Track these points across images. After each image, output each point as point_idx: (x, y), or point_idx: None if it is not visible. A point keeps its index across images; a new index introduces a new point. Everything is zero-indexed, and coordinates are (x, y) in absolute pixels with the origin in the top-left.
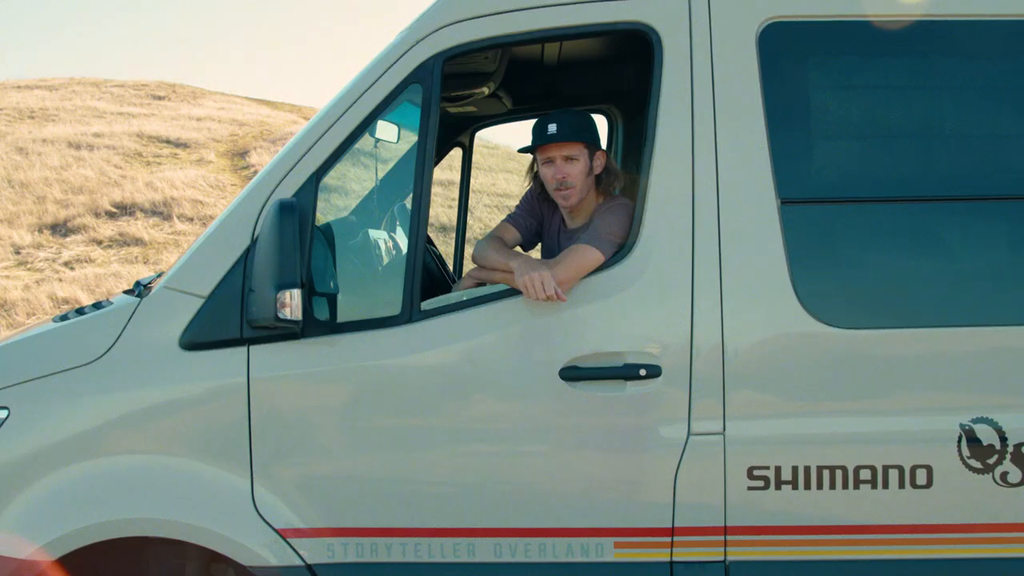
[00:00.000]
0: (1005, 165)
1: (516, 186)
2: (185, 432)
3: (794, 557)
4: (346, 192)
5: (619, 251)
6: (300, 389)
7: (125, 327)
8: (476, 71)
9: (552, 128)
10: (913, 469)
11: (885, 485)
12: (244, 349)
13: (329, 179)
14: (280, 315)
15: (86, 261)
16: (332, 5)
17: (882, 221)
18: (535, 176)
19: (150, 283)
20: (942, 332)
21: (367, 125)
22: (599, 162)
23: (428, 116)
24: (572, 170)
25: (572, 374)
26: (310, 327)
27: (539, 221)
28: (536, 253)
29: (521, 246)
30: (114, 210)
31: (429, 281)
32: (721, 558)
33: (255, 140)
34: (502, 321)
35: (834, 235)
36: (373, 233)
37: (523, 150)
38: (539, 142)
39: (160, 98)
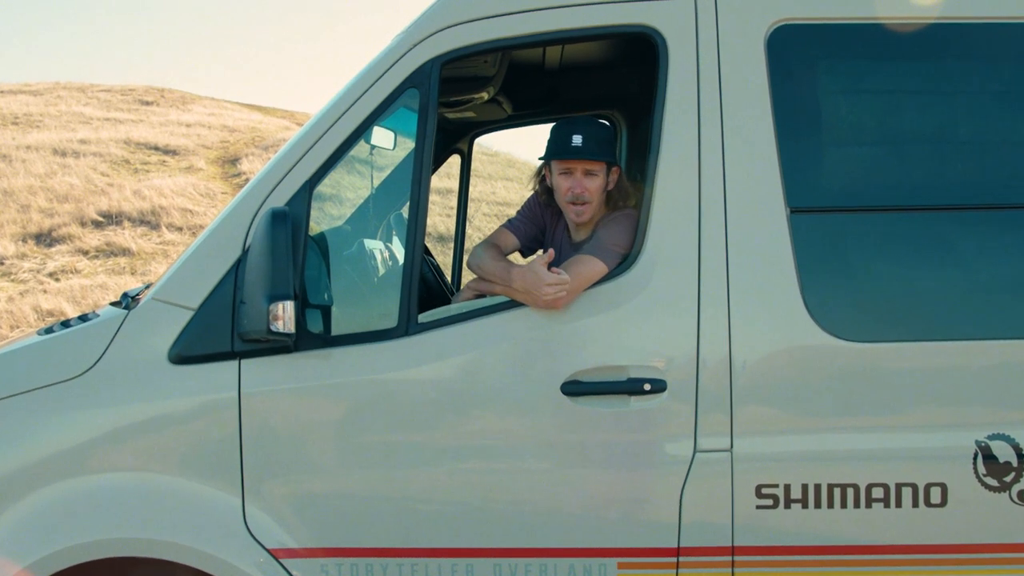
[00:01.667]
0: (1023, 173)
1: (516, 194)
2: (174, 449)
3: None
4: (341, 200)
5: (623, 262)
6: (293, 404)
7: (112, 340)
8: (475, 75)
9: (578, 140)
10: (927, 487)
11: (898, 504)
12: (235, 363)
13: (323, 187)
14: (272, 328)
15: (72, 272)
16: (326, 7)
17: (895, 231)
18: (541, 181)
19: (138, 295)
20: (957, 345)
21: (362, 131)
22: (614, 178)
23: (426, 122)
24: (591, 185)
25: (574, 389)
26: (303, 340)
27: (540, 229)
28: None
29: (521, 253)
30: (100, 219)
31: (426, 293)
32: None
33: (246, 147)
34: (502, 334)
35: (845, 245)
36: (369, 243)
37: (545, 158)
38: (564, 155)
39: (148, 103)
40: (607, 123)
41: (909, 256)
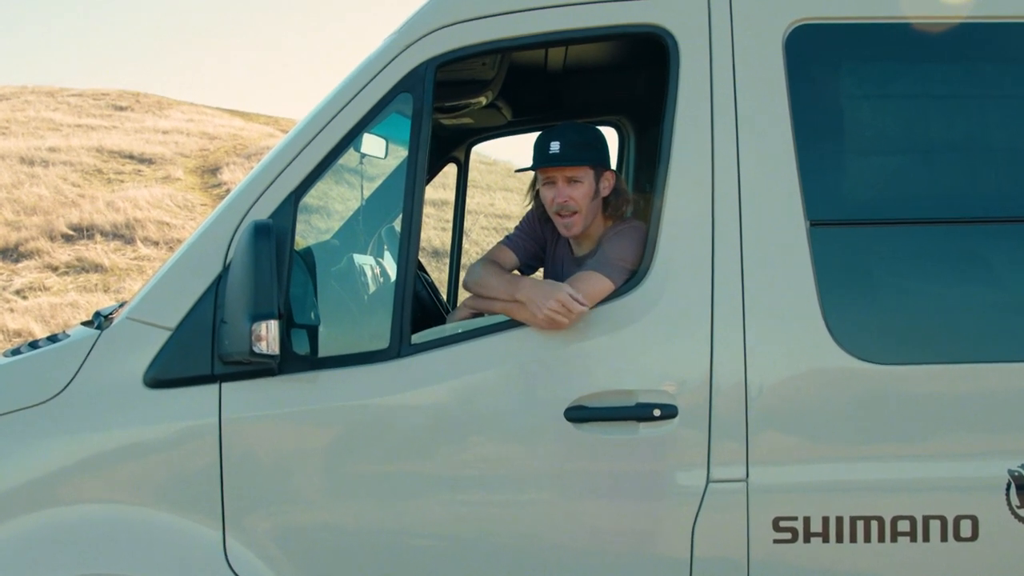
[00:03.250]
0: None
1: (516, 206)
2: (150, 479)
3: None
4: (328, 213)
5: (631, 278)
6: (277, 431)
7: (83, 363)
8: (473, 79)
9: (555, 147)
10: (957, 520)
11: (926, 538)
12: (215, 387)
13: (309, 199)
14: (255, 349)
15: (40, 289)
16: (315, 5)
17: (922, 245)
18: (536, 195)
19: (111, 314)
20: (988, 368)
21: (352, 139)
22: (607, 184)
23: (419, 128)
24: (575, 193)
25: (579, 415)
26: (288, 362)
27: (540, 245)
28: None
29: (520, 271)
30: (71, 233)
31: (420, 311)
32: None
33: (227, 155)
34: (501, 356)
35: (869, 261)
36: (358, 258)
37: (522, 170)
38: (539, 163)
39: (122, 109)
40: (594, 126)
41: (937, 272)
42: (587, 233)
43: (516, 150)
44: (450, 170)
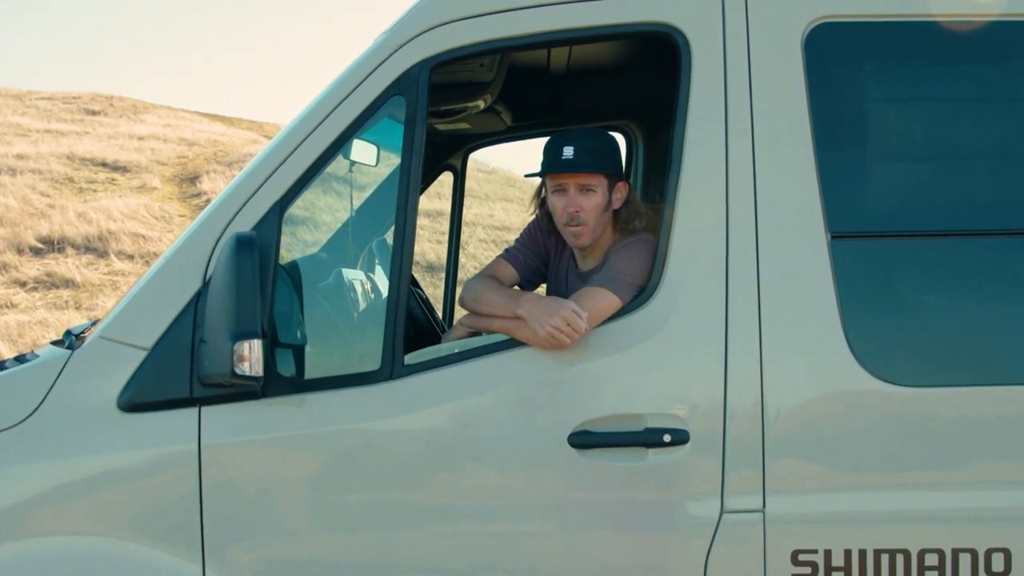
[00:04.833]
0: None
1: (516, 217)
2: (124, 508)
3: None
4: (316, 224)
5: (639, 295)
6: (261, 457)
7: (53, 385)
8: (470, 81)
9: (568, 152)
10: (988, 553)
11: (955, 572)
12: (195, 410)
13: (296, 209)
14: (237, 370)
15: (7, 306)
16: (302, 4)
17: (951, 259)
18: (542, 203)
19: (83, 332)
20: (1022, 391)
21: (341, 145)
22: (619, 195)
23: (413, 134)
24: (587, 203)
25: (584, 440)
26: (273, 385)
27: (543, 259)
28: None
29: (520, 287)
30: (40, 246)
31: (414, 330)
32: None
33: (207, 163)
34: (501, 378)
35: (894, 276)
36: (348, 273)
37: (532, 175)
38: (551, 168)
39: (95, 113)
40: (609, 133)
41: (967, 288)
42: (594, 246)
43: (516, 157)
44: (446, 179)
